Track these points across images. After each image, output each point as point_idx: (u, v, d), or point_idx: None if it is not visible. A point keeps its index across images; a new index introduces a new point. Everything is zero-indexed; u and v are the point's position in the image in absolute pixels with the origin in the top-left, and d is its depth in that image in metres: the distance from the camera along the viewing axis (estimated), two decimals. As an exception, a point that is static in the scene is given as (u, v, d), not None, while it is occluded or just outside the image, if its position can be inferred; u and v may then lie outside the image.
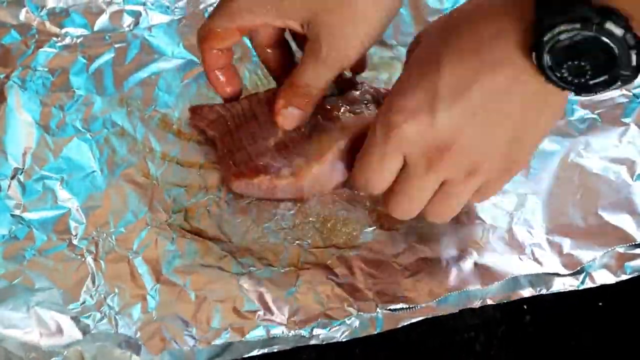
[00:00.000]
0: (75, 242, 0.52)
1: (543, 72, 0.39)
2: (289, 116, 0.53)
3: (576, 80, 0.39)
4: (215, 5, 0.62)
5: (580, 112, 0.59)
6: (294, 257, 0.52)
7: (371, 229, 0.53)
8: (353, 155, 0.50)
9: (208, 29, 0.53)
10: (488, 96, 0.42)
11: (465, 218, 0.53)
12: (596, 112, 0.59)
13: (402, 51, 0.62)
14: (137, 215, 0.54)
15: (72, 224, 0.53)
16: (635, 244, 0.52)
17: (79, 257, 0.51)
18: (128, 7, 0.64)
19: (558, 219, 0.53)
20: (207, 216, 0.54)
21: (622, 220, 0.53)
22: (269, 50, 0.56)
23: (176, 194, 0.55)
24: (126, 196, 0.55)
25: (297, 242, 0.53)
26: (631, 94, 0.59)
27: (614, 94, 0.59)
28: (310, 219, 0.54)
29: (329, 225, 0.54)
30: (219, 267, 0.51)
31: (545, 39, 0.38)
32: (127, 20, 0.64)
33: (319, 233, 0.53)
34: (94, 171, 0.56)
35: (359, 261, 0.51)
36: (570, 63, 0.39)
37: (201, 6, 0.65)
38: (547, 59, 0.39)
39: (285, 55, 0.57)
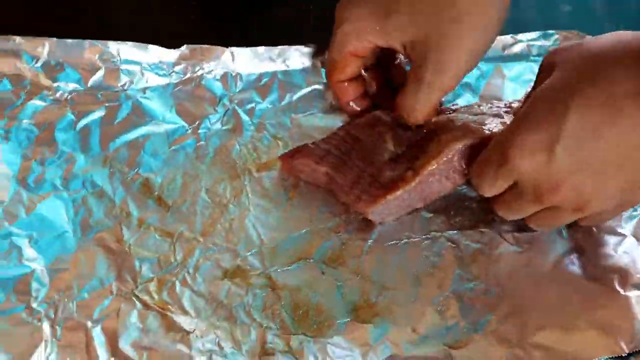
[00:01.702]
0: (34, 305, 0.50)
1: None
2: None
3: None
4: (211, 71, 0.63)
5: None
6: (259, 343, 0.49)
7: (344, 320, 0.50)
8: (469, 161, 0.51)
9: (328, 62, 0.56)
10: (608, 150, 0.42)
11: (449, 316, 0.51)
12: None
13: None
14: (104, 282, 0.51)
15: (34, 286, 0.51)
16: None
17: (36, 321, 0.49)
18: (124, 67, 0.62)
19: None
20: (175, 290, 0.51)
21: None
22: (365, 73, 0.57)
23: (147, 264, 0.53)
24: (95, 261, 0.52)
25: (265, 325, 0.50)
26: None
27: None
28: (282, 302, 0.51)
29: (300, 312, 0.51)
30: (179, 346, 0.48)
31: None
32: (123, 79, 0.62)
33: (289, 318, 0.50)
34: (65, 232, 0.54)
35: (325, 354, 0.49)
36: None
37: (199, 72, 0.62)
38: None
39: (380, 74, 0.58)
